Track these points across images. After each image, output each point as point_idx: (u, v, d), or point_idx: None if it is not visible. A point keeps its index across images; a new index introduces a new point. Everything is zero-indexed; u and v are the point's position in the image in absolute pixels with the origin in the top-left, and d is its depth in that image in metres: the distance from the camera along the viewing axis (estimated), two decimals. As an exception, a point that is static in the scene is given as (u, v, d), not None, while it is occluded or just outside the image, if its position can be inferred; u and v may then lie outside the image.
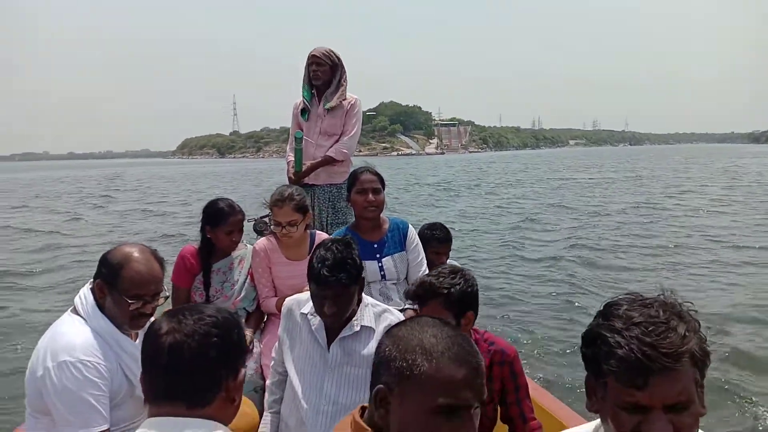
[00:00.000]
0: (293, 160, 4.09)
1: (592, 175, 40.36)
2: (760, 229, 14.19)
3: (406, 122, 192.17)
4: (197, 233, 3.30)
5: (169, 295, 2.18)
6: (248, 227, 3.50)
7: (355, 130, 4.16)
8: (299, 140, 4.04)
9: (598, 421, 1.30)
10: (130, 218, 20.67)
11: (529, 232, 14.82)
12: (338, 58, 4.14)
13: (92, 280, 2.05)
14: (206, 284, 3.15)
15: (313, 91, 4.19)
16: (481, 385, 1.13)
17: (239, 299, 3.21)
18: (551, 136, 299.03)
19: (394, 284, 3.19)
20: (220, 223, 3.12)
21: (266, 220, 3.45)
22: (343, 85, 4.13)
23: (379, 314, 2.27)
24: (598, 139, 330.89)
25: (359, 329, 2.22)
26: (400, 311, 2.54)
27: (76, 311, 2.02)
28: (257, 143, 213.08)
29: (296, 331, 2.34)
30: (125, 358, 1.98)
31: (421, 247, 3.29)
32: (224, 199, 3.24)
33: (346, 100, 4.14)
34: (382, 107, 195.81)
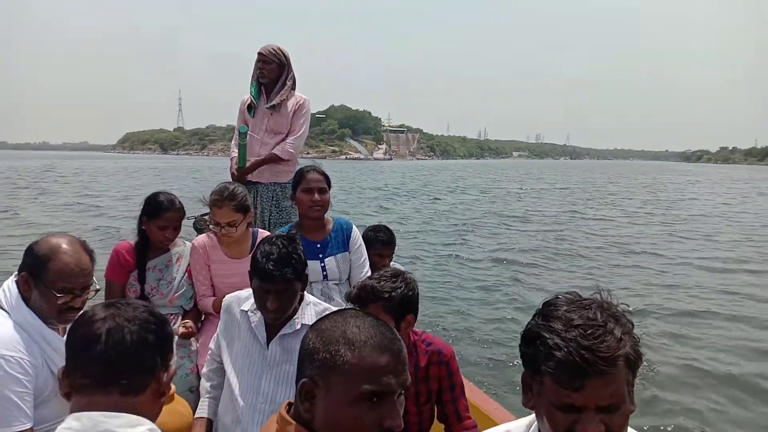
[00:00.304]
0: (237, 155, 4.04)
1: (532, 185, 42.85)
2: (664, 237, 15.95)
3: (355, 126, 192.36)
4: (134, 229, 3.18)
5: (99, 288, 2.11)
6: (189, 225, 3.43)
7: (302, 130, 4.13)
8: (243, 135, 3.99)
9: (531, 416, 1.33)
10: (63, 212, 19.79)
11: (469, 236, 15.41)
12: (286, 57, 4.10)
13: (17, 272, 1.96)
14: (141, 281, 3.05)
15: (261, 88, 4.15)
16: (403, 371, 1.15)
17: (176, 296, 3.12)
18: (496, 146, 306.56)
19: (336, 284, 3.18)
20: (155, 216, 3.02)
21: (206, 218, 3.37)
22: (287, 84, 4.10)
23: (320, 313, 2.26)
24: (540, 151, 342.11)
25: (300, 327, 2.20)
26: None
27: None
28: (202, 140, 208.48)
29: (235, 328, 2.31)
30: (51, 353, 1.90)
31: (364, 248, 3.29)
32: (167, 193, 3.14)
33: (293, 99, 4.11)
34: (331, 110, 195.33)
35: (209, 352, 2.43)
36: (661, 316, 7.81)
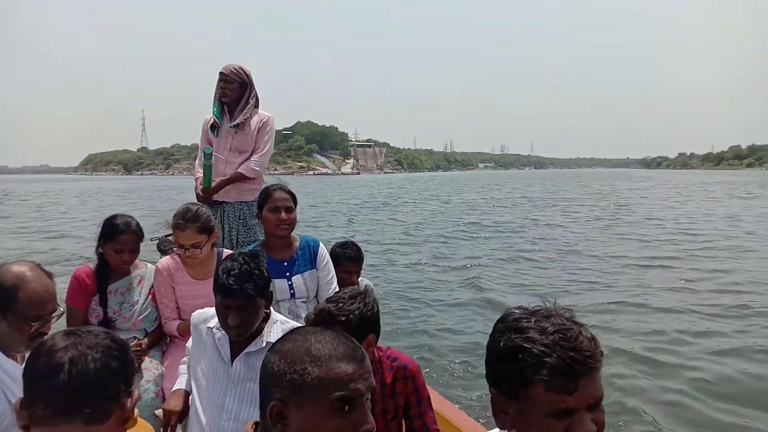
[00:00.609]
0: (202, 176, 4.00)
1: (494, 194, 44.40)
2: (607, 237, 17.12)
3: (322, 142, 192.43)
4: (93, 253, 3.13)
5: (63, 311, 2.07)
6: (152, 246, 3.38)
7: (267, 147, 4.12)
8: (209, 156, 3.96)
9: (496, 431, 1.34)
10: (20, 237, 19.19)
11: (441, 248, 15.58)
12: (248, 75, 4.10)
13: None
14: (103, 304, 2.99)
15: (224, 108, 4.13)
16: (368, 374, 1.20)
17: (140, 319, 3.07)
18: (462, 158, 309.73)
19: (303, 302, 3.16)
20: (111, 239, 2.97)
21: (171, 238, 3.33)
22: (250, 102, 4.09)
23: (286, 331, 2.26)
24: (505, 162, 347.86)
25: (265, 345, 2.19)
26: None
27: None
28: (167, 159, 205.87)
29: (201, 345, 2.30)
30: (9, 383, 1.84)
31: (331, 265, 3.29)
32: (124, 215, 3.08)
33: (256, 117, 4.10)
34: (298, 126, 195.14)
35: (180, 367, 2.44)
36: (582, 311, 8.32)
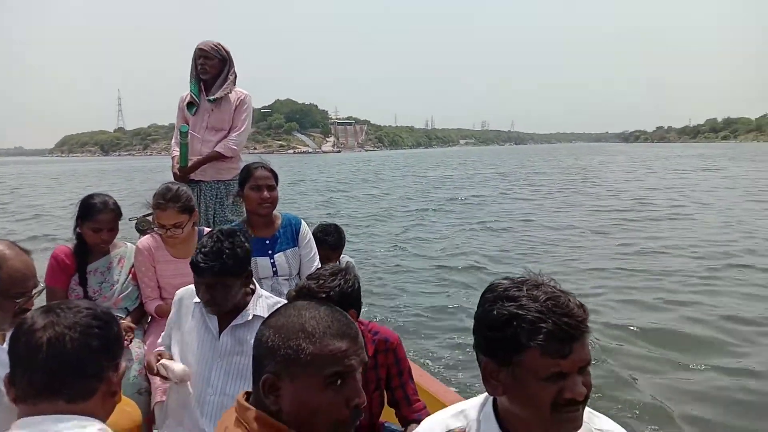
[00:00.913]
0: (178, 155, 3.96)
1: (471, 171, 44.54)
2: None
3: (302, 120, 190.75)
4: (71, 234, 3.11)
5: (44, 286, 2.08)
6: (131, 227, 3.36)
7: (245, 126, 4.08)
8: (184, 134, 3.92)
9: (483, 395, 1.38)
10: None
11: (416, 229, 15.48)
12: (227, 51, 4.06)
13: None
14: (83, 284, 2.99)
15: (200, 85, 4.08)
16: (361, 350, 1.22)
17: (120, 298, 3.07)
18: (443, 135, 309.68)
19: (286, 280, 3.18)
20: (88, 218, 2.96)
21: (149, 218, 3.30)
22: (230, 78, 4.05)
23: (272, 306, 2.27)
24: (486, 138, 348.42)
25: (251, 318, 2.23)
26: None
27: None
28: (144, 140, 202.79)
29: (186, 319, 2.32)
30: None
31: (313, 242, 3.30)
32: (101, 194, 3.07)
33: (233, 93, 4.06)
34: (277, 104, 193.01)
35: (158, 341, 2.44)
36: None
